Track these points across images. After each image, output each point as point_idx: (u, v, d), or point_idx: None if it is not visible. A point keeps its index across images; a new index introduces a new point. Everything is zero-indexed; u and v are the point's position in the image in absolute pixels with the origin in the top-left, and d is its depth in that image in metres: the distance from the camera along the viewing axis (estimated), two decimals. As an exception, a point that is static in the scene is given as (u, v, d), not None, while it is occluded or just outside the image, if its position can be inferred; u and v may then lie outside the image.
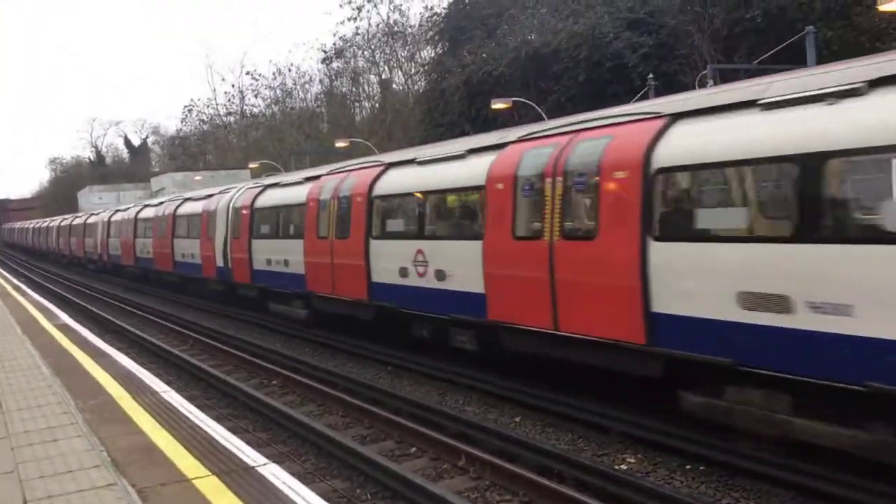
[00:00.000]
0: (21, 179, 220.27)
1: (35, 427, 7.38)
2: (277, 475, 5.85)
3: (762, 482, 7.64)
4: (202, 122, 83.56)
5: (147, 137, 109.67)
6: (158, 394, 8.83)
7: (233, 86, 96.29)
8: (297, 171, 24.00)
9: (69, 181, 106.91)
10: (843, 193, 7.26)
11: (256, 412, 11.46)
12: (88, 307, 26.00)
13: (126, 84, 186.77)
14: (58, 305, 21.92)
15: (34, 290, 28.12)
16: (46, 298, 24.35)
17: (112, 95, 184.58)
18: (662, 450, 8.72)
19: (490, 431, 9.54)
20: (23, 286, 28.95)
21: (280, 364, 14.78)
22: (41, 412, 7.96)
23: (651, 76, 26.11)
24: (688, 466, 8.27)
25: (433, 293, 12.44)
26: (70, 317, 17.87)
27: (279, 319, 19.42)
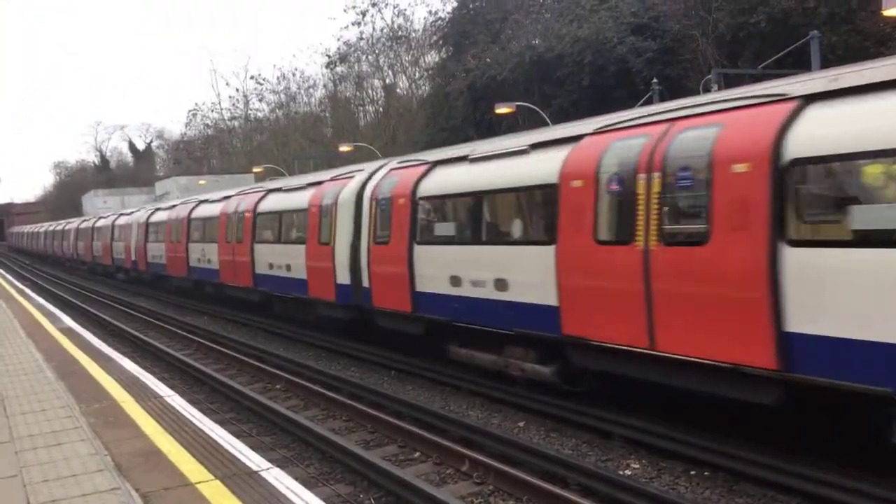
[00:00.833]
0: (25, 183, 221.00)
1: (39, 431, 7.38)
2: (281, 480, 5.84)
3: (767, 488, 7.60)
4: (206, 127, 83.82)
5: (151, 142, 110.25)
6: (162, 398, 8.84)
7: (237, 90, 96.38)
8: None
9: (73, 185, 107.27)
10: None
11: (260, 416, 11.45)
12: (92, 311, 26.04)
13: (129, 87, 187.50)
14: (61, 309, 21.96)
15: (38, 294, 28.19)
16: (50, 302, 24.41)
17: (115, 99, 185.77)
18: (667, 455, 8.69)
19: (493, 436, 9.51)
20: (27, 290, 29.00)
21: (284, 368, 14.78)
22: (45, 416, 7.97)
23: (655, 81, 26.14)
24: (692, 472, 8.24)
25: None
26: (74, 320, 17.90)
27: (282, 322, 19.37)
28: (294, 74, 76.98)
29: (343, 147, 39.70)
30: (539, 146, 10.96)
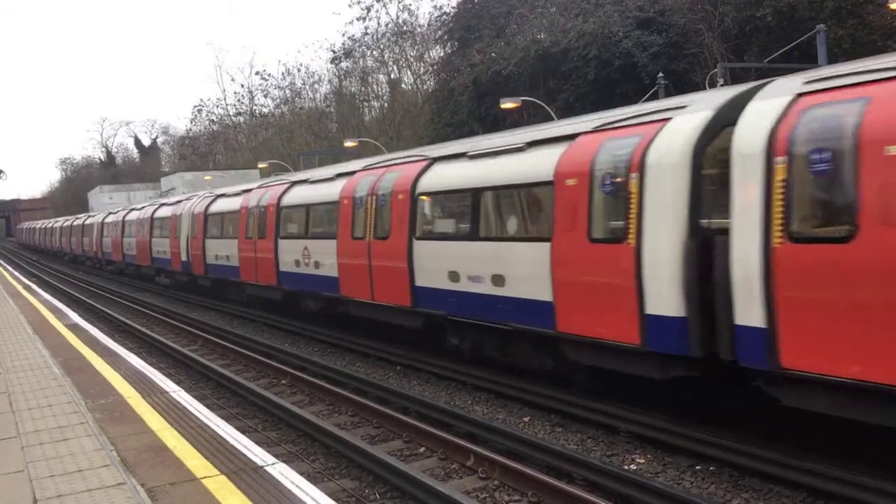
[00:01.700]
0: (31, 180, 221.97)
1: (45, 426, 7.42)
2: (286, 475, 5.85)
3: (772, 483, 7.59)
4: (212, 122, 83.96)
5: (157, 138, 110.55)
6: (168, 393, 8.86)
7: (242, 86, 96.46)
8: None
9: (79, 181, 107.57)
10: None
11: (265, 411, 11.47)
12: (98, 307, 26.11)
13: (134, 83, 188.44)
14: (68, 305, 22.04)
15: (45, 290, 28.28)
16: (57, 298, 24.49)
17: (121, 95, 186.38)
18: (672, 450, 8.68)
19: (499, 431, 9.51)
20: (33, 286, 29.11)
21: (289, 363, 14.80)
22: (51, 411, 8.00)
23: (661, 75, 26.08)
24: (698, 467, 8.23)
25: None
26: (80, 316, 17.96)
27: (288, 320, 19.38)
28: (299, 70, 76.94)
29: (348, 142, 39.70)
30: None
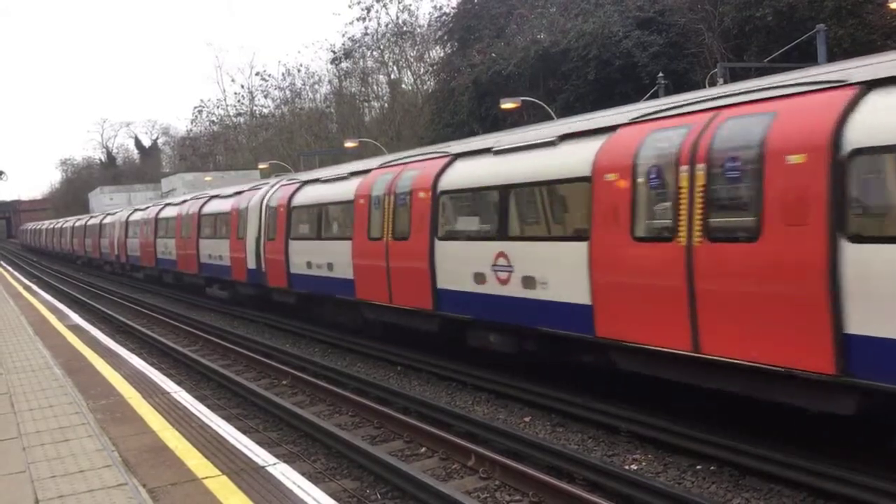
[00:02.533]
0: (32, 181, 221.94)
1: (46, 427, 7.42)
2: (287, 475, 5.86)
3: (773, 482, 7.59)
4: (212, 123, 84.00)
5: (157, 138, 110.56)
6: (169, 394, 8.86)
7: (242, 86, 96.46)
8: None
9: (80, 182, 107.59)
10: None
11: (266, 412, 11.48)
12: (99, 307, 26.12)
13: (135, 84, 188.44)
14: (69, 306, 22.04)
15: (45, 291, 28.29)
16: (57, 299, 24.50)
17: (121, 96, 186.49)
18: (673, 450, 8.68)
19: (499, 431, 9.52)
20: (34, 286, 29.11)
21: (290, 364, 14.81)
22: (52, 412, 8.01)
23: (661, 75, 26.09)
24: (698, 466, 8.24)
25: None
26: (81, 317, 17.97)
27: (290, 320, 19.39)
28: (299, 70, 77.39)
29: (348, 143, 39.70)
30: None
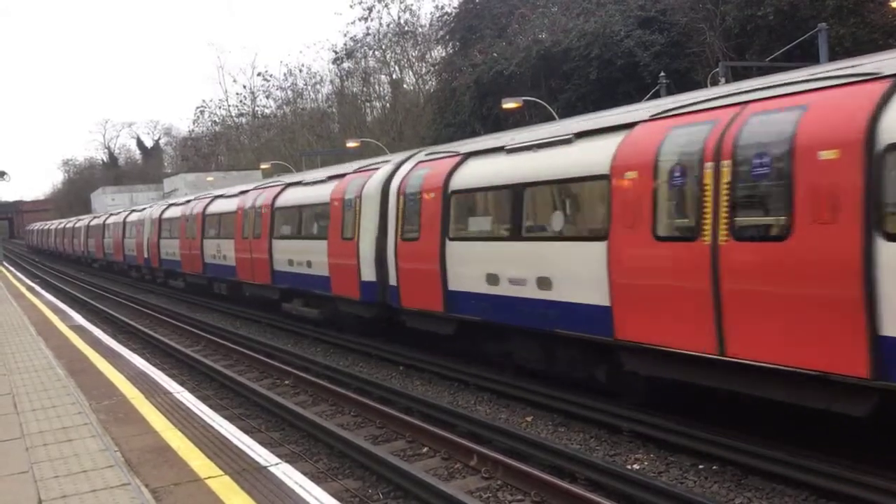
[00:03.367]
0: (34, 181, 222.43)
1: (49, 427, 7.44)
2: (290, 475, 5.87)
3: (775, 482, 7.59)
4: (214, 124, 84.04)
5: (159, 139, 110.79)
6: (171, 394, 8.88)
7: (244, 87, 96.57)
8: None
9: (82, 183, 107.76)
10: None
11: (269, 412, 11.49)
12: (102, 308, 26.15)
13: (137, 85, 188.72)
14: (71, 306, 22.07)
15: (48, 291, 28.32)
16: (60, 299, 24.52)
17: (123, 96, 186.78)
18: (675, 449, 8.69)
19: (502, 431, 9.53)
20: (36, 287, 29.15)
21: (292, 364, 14.83)
22: (55, 412, 8.02)
23: (663, 74, 26.08)
24: (700, 466, 8.24)
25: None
26: (84, 318, 17.99)
27: (291, 319, 19.38)
28: (301, 70, 77.36)
29: (350, 143, 39.72)
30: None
